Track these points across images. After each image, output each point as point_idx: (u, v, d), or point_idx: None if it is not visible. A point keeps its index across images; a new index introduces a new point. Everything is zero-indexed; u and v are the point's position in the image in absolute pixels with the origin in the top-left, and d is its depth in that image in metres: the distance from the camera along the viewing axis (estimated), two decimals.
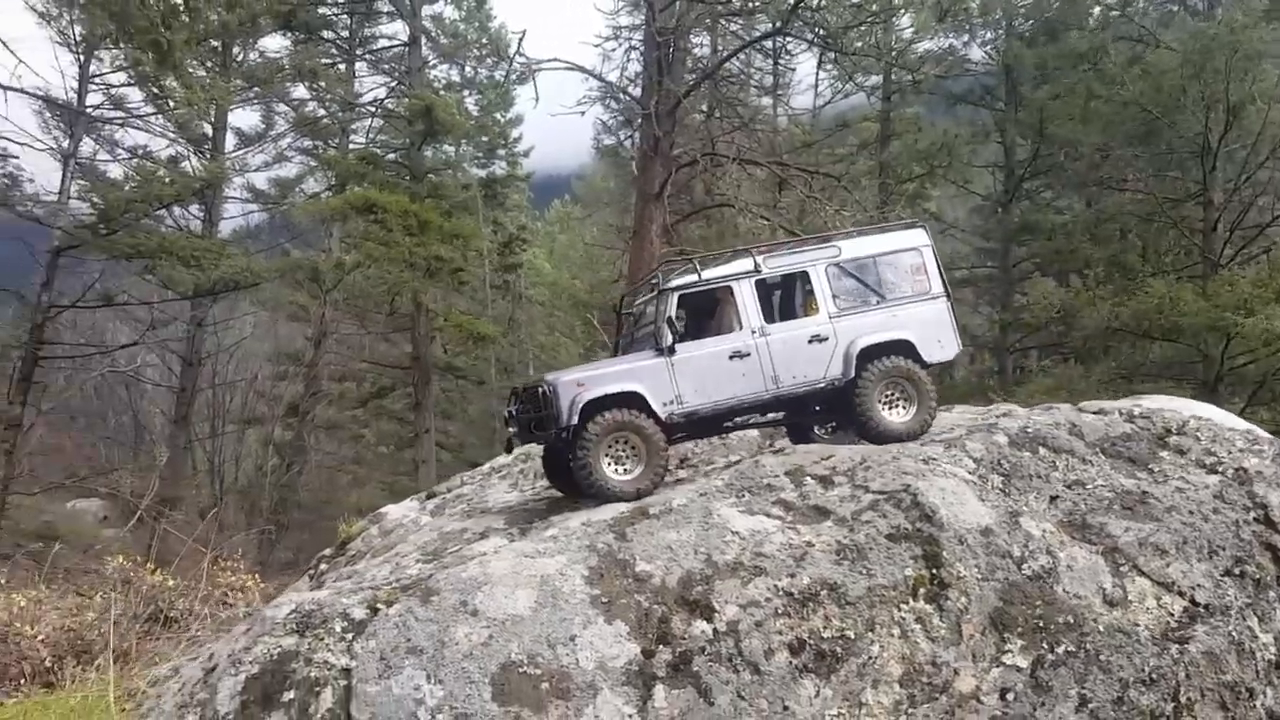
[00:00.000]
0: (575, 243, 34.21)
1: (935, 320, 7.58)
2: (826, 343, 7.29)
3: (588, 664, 5.30)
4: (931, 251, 7.74)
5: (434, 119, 23.71)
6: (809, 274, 7.46)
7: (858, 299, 7.49)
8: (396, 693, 5.13)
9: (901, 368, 7.31)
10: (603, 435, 6.72)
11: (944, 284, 7.74)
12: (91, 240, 23.03)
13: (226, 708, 5.24)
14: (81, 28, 22.86)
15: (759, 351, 7.15)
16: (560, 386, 6.91)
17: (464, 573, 5.79)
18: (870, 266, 7.54)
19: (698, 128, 23.59)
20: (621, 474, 6.78)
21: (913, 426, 7.34)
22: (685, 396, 7.03)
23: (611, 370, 7.17)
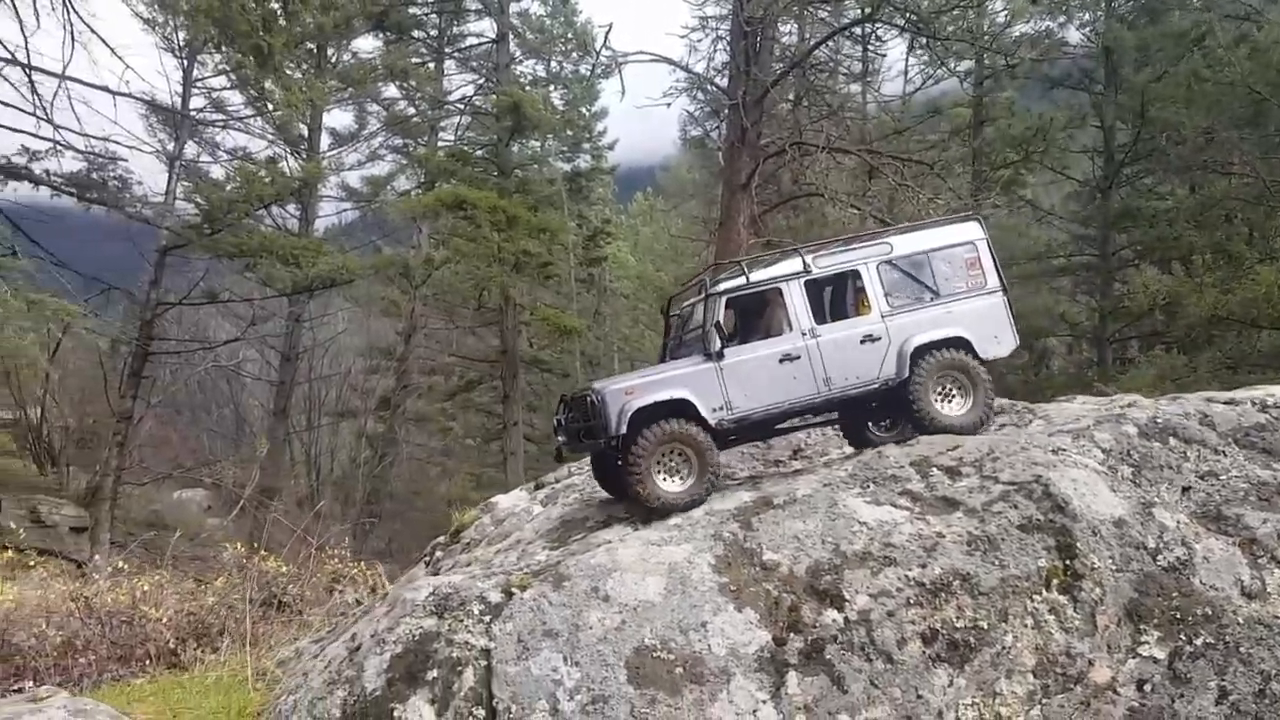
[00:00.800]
0: (659, 235, 34.31)
1: (991, 316, 7.36)
2: (879, 342, 7.12)
3: (719, 650, 5.36)
4: (987, 245, 7.53)
5: (522, 114, 24.02)
6: (860, 272, 7.26)
7: (911, 296, 7.28)
8: (535, 673, 5.26)
9: (955, 359, 7.11)
10: (654, 447, 6.63)
11: (1000, 278, 7.52)
12: (196, 240, 23.83)
13: (374, 684, 5.44)
14: (185, 33, 23.70)
15: (810, 354, 7.01)
16: (608, 395, 6.80)
17: (593, 559, 5.90)
18: (924, 262, 7.33)
19: (785, 117, 23.40)
20: (674, 485, 6.69)
21: (970, 419, 7.15)
22: (735, 402, 6.90)
23: (660, 377, 7.01)
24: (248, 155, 26.79)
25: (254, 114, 25.93)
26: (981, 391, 7.17)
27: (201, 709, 7.01)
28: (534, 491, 9.87)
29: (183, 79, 24.39)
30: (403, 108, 29.35)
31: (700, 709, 5.14)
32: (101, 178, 23.69)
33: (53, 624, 12.17)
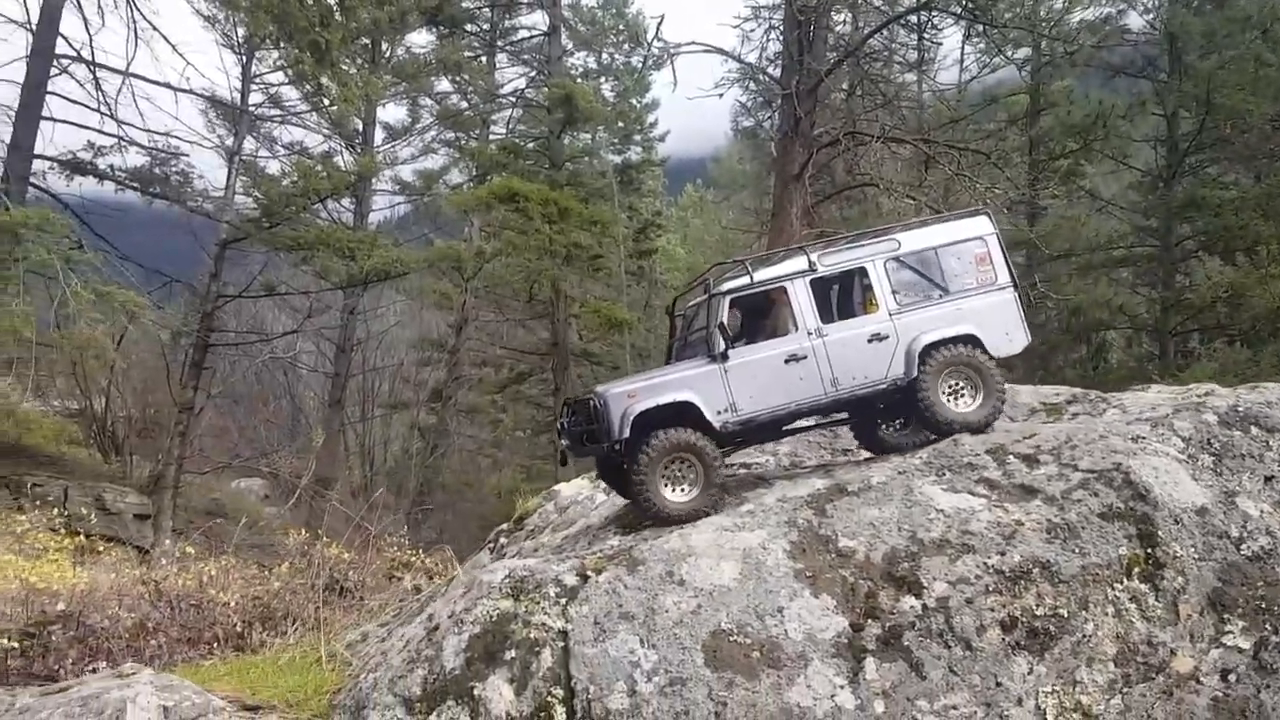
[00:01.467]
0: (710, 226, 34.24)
1: (1002, 312, 7.17)
2: (887, 341, 6.97)
3: (796, 635, 5.37)
4: (997, 239, 7.33)
5: (574, 106, 24.11)
6: (867, 270, 7.12)
7: (920, 293, 7.12)
8: (613, 655, 5.31)
9: (964, 355, 6.95)
10: (659, 457, 6.54)
11: (1010, 273, 7.32)
12: (255, 233, 24.24)
13: (453, 663, 5.53)
14: (244, 30, 24.11)
15: (816, 354, 6.87)
16: (610, 399, 6.72)
17: (666, 544, 5.94)
18: (932, 258, 7.16)
19: (839, 106, 23.23)
20: (679, 495, 6.61)
21: (980, 416, 6.97)
22: (740, 404, 6.78)
23: (663, 380, 6.91)
24: (304, 150, 27.22)
25: (310, 109, 26.32)
26: (992, 388, 7.00)
27: (279, 687, 7.15)
28: (596, 480, 9.91)
29: (242, 75, 24.86)
30: (455, 102, 29.61)
31: (778, 692, 5.15)
32: (164, 173, 24.21)
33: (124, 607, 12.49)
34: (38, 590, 12.09)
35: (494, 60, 30.26)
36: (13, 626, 10.85)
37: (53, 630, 10.97)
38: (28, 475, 22.35)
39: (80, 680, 6.91)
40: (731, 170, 33.50)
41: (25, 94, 22.52)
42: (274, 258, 26.86)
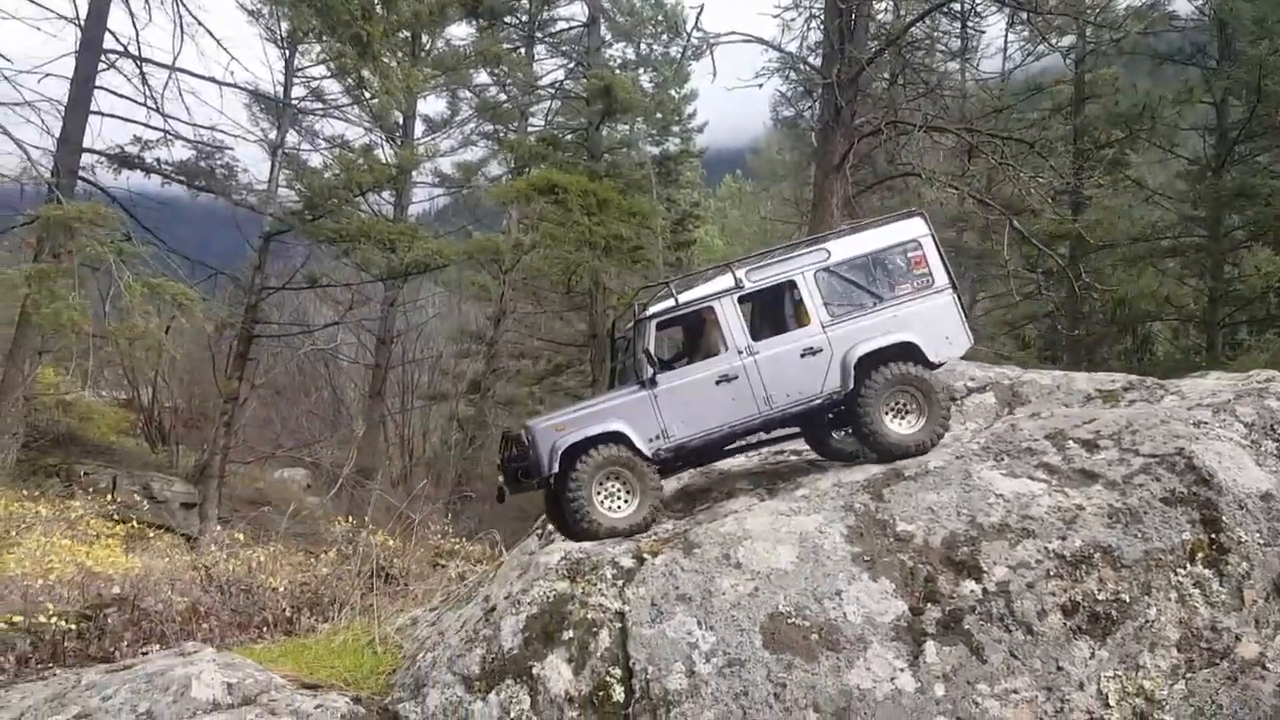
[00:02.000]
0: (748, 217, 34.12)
1: (941, 315, 6.96)
2: (821, 354, 6.78)
3: (855, 618, 5.36)
4: (932, 240, 7.12)
5: (613, 97, 24.10)
6: (796, 282, 6.92)
7: (853, 303, 6.92)
8: (670, 636, 5.34)
9: (908, 375, 6.73)
10: (592, 475, 6.46)
11: (949, 274, 7.09)
12: (298, 226, 24.52)
13: (510, 643, 5.59)
14: (287, 24, 24.35)
15: (748, 372, 6.71)
16: (538, 433, 6.65)
17: (722, 528, 5.95)
18: (864, 266, 6.97)
19: (880, 96, 23.02)
20: (614, 511, 6.52)
21: (920, 438, 6.74)
22: (671, 430, 6.66)
23: (591, 411, 6.80)
24: (345, 143, 27.48)
25: (351, 102, 26.55)
26: (936, 410, 6.77)
27: (335, 668, 7.26)
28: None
29: (285, 69, 25.09)
30: (494, 94, 29.72)
31: (837, 675, 5.15)
32: (209, 166, 24.52)
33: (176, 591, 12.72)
34: (93, 574, 12.35)
35: (532, 52, 30.32)
36: (70, 609, 11.07)
37: (108, 613, 11.18)
38: (78, 464, 22.79)
39: (144, 658, 7.06)
40: (771, 161, 33.34)
41: (74, 89, 22.87)
42: (315, 250, 27.13)
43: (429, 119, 29.24)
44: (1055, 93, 26.06)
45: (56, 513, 16.00)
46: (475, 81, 29.33)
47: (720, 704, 5.08)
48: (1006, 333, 28.07)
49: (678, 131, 31.13)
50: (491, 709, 5.40)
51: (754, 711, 5.06)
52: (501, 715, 5.34)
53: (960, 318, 7.05)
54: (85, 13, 22.57)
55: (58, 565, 12.17)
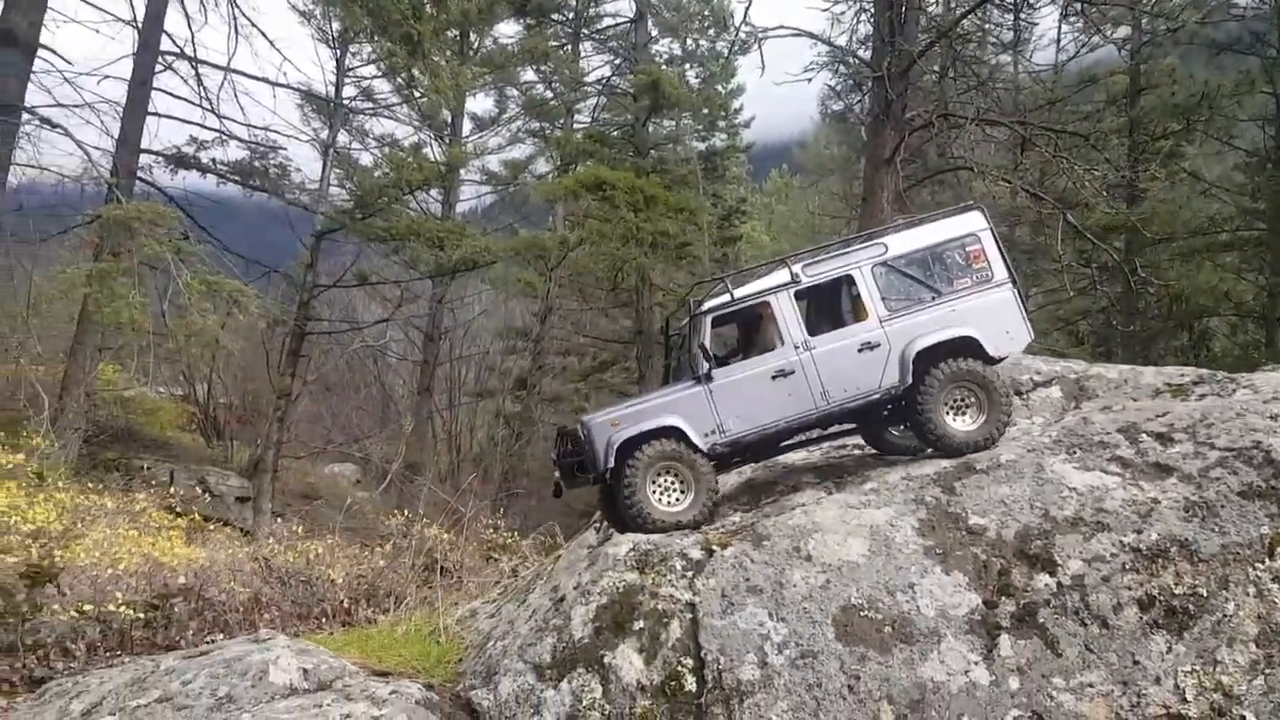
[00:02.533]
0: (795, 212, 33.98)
1: (1001, 310, 6.84)
2: (879, 349, 6.69)
3: (928, 611, 5.34)
4: (990, 234, 7.00)
5: (660, 93, 24.14)
6: (854, 277, 6.84)
7: (912, 297, 6.82)
8: (742, 627, 5.36)
9: (971, 371, 6.63)
10: (647, 468, 6.42)
11: (1008, 268, 6.97)
12: (349, 224, 24.85)
13: (581, 633, 5.64)
14: (339, 24, 24.69)
15: (804, 368, 6.64)
16: (594, 428, 6.64)
17: (790, 520, 5.95)
18: (923, 260, 6.86)
19: (931, 89, 22.83)
20: (669, 505, 6.49)
21: (979, 435, 6.63)
22: (727, 425, 6.60)
23: (647, 406, 6.76)
24: (394, 142, 27.81)
25: (401, 101, 26.86)
26: (997, 407, 6.66)
27: (401, 656, 7.37)
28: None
29: (336, 69, 25.44)
30: (540, 91, 29.88)
31: (911, 668, 5.14)
32: (263, 166, 24.94)
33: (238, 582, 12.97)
34: (159, 565, 12.62)
35: (578, 49, 30.45)
36: (138, 599, 11.33)
37: (174, 602, 11.43)
38: (137, 459, 23.28)
39: (220, 645, 7.21)
40: (819, 155, 33.13)
41: (132, 90, 23.37)
42: (365, 248, 27.49)
43: (476, 117, 29.55)
44: (1110, 84, 25.61)
45: (120, 505, 16.36)
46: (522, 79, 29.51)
47: (794, 695, 5.09)
48: (1060, 329, 27.67)
49: (724, 126, 31.09)
50: (563, 697, 5.45)
51: (828, 703, 5.06)
52: (574, 703, 5.39)
53: (1021, 312, 6.94)
54: (143, 15, 23.05)
55: (125, 556, 12.45)
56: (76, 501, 15.31)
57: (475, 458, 34.64)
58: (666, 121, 28.21)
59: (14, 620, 10.07)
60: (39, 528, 12.84)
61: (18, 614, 10.08)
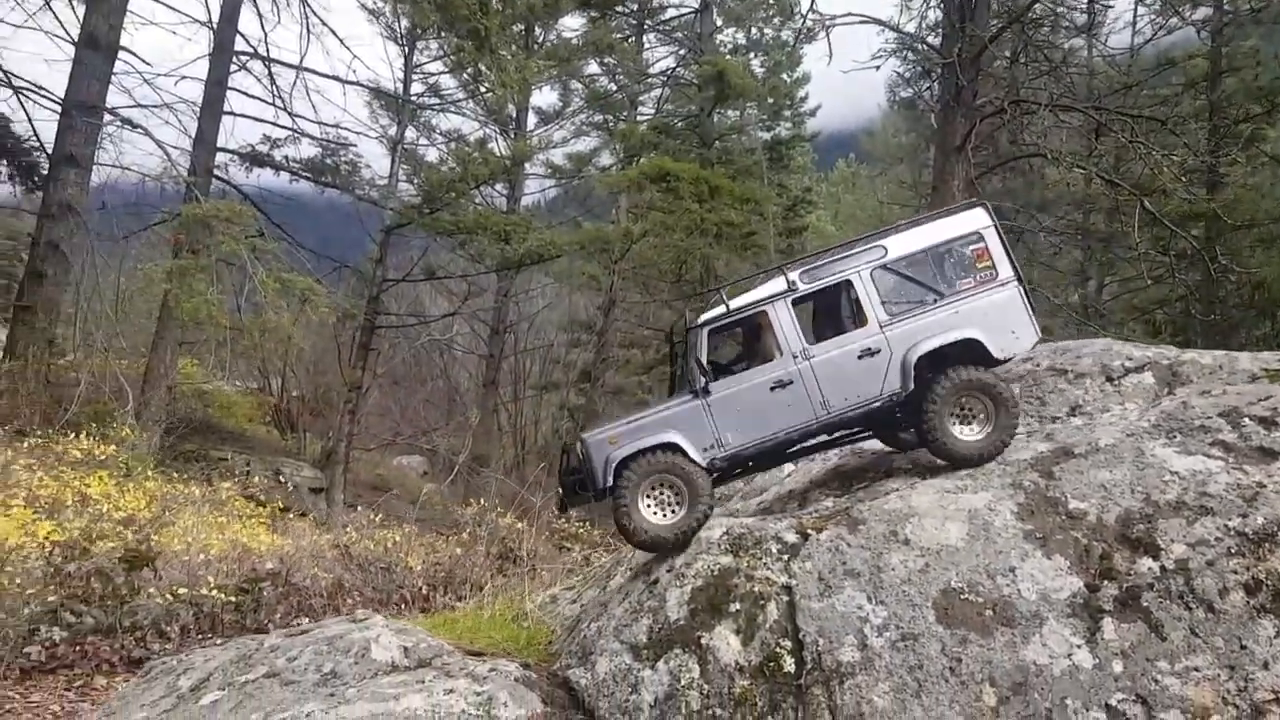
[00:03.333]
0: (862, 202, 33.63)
1: (1006, 309, 6.62)
2: (880, 355, 6.51)
3: (1030, 594, 5.30)
4: (995, 232, 6.74)
5: (725, 83, 24.05)
6: (853, 282, 6.66)
7: (913, 300, 6.63)
8: (840, 610, 5.37)
9: (978, 381, 6.41)
10: (640, 482, 6.33)
11: (1014, 266, 6.72)
12: (417, 219, 25.20)
13: (676, 614, 5.71)
14: (407, 20, 25.04)
15: (803, 377, 6.48)
16: (592, 446, 6.57)
17: (886, 505, 5.95)
18: (924, 262, 6.65)
19: (1002, 75, 22.46)
20: (663, 519, 6.37)
21: (984, 447, 6.41)
22: (726, 438, 6.48)
23: (645, 422, 6.62)
24: (461, 137, 28.12)
25: (467, 97, 27.14)
26: (1005, 416, 6.45)
27: (492, 638, 7.51)
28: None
29: (404, 65, 25.78)
30: (604, 84, 29.96)
31: (1013, 650, 5.11)
32: (334, 163, 25.41)
33: (321, 568, 13.27)
34: (247, 551, 12.99)
35: (642, 40, 30.48)
36: (229, 583, 11.67)
37: (263, 587, 11.76)
38: (214, 450, 23.89)
39: (319, 624, 7.41)
40: (886, 144, 32.69)
41: (208, 90, 23.94)
42: (432, 243, 27.86)
43: (541, 111, 29.76)
44: (1189, 67, 24.91)
45: (206, 495, 16.85)
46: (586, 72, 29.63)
47: (895, 676, 5.09)
48: (1136, 318, 27.06)
49: (789, 116, 30.89)
50: (661, 676, 5.52)
51: (930, 684, 5.05)
52: (672, 683, 5.45)
53: (1027, 311, 6.73)
54: (217, 16, 23.62)
55: (215, 542, 12.83)
56: (165, 490, 15.80)
57: (540, 450, 34.94)
58: (731, 112, 28.11)
59: (113, 603, 10.45)
60: (129, 515, 13.29)
61: (117, 596, 10.46)
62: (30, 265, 21.20)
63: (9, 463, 13.68)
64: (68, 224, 20.81)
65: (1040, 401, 7.78)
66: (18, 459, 14.14)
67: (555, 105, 30.22)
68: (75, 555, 10.43)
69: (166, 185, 23.75)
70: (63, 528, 11.37)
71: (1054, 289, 25.47)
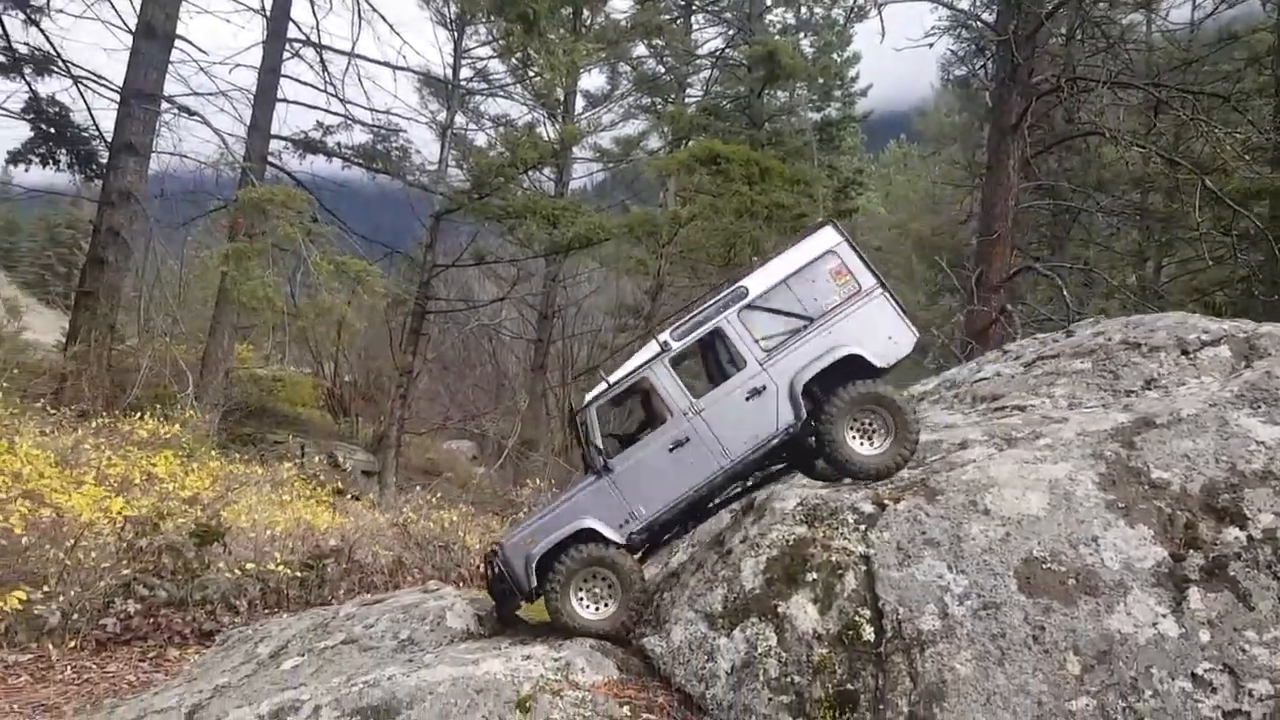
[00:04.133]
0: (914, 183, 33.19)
1: (877, 319, 6.58)
2: (766, 392, 6.47)
3: (1113, 564, 5.24)
4: (847, 246, 6.67)
5: (776, 64, 23.85)
6: (722, 329, 6.60)
7: (785, 332, 6.58)
8: (920, 579, 5.35)
9: (869, 395, 6.37)
10: (568, 578, 6.30)
11: (874, 275, 6.66)
12: (467, 205, 25.36)
13: (752, 583, 5.73)
14: (456, 6, 25.16)
15: (698, 431, 6.46)
16: (509, 550, 6.54)
17: (964, 475, 5.90)
18: (784, 293, 6.60)
19: (1058, 52, 22.07)
20: (596, 612, 6.35)
21: (884, 461, 6.38)
22: (639, 510, 6.42)
23: (556, 514, 6.59)
24: (509, 122, 28.24)
25: (515, 81, 27.24)
26: (905, 430, 6.40)
27: None
28: None
29: (454, 51, 25.94)
30: (652, 66, 29.87)
31: (1097, 619, 5.06)
32: (385, 149, 25.65)
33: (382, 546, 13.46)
34: (311, 528, 13.22)
35: (690, 21, 30.31)
36: (294, 559, 11.89)
37: (326, 563, 11.97)
38: (270, 433, 24.31)
39: (391, 594, 7.54)
40: (939, 123, 32.19)
41: (262, 77, 24.27)
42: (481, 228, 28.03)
43: (589, 94, 29.76)
44: (1252, 42, 24.22)
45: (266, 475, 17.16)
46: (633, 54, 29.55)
47: (977, 644, 5.07)
48: (1195, 300, 26.45)
49: (839, 96, 30.58)
50: (737, 645, 5.54)
51: (1013, 652, 5.02)
52: (749, 650, 5.47)
53: (898, 314, 6.68)
54: (271, 4, 23.90)
55: (280, 519, 13.07)
56: (227, 470, 16.13)
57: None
58: (780, 93, 27.87)
59: (184, 577, 10.69)
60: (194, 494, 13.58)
61: (188, 571, 10.70)
62: (91, 252, 21.64)
63: (79, 442, 14.04)
64: (127, 211, 21.21)
65: (1114, 375, 7.67)
66: (86, 439, 14.50)
67: (603, 88, 30.26)
68: (146, 531, 10.68)
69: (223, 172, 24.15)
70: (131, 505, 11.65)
71: (1111, 270, 25.03)
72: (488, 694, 5.22)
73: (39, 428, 14.39)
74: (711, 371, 7.08)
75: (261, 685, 6.05)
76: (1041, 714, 4.91)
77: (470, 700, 5.18)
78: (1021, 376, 8.42)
